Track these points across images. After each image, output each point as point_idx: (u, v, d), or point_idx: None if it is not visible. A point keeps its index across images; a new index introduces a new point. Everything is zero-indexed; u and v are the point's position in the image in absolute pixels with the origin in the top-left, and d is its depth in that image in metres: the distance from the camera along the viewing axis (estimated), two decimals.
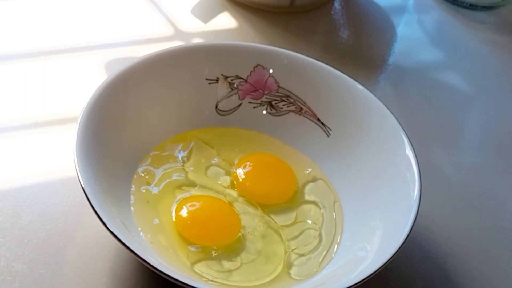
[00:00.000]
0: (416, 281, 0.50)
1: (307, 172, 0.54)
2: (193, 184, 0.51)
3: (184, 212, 0.48)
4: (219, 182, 0.52)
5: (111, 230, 0.41)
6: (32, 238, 0.47)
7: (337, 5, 0.76)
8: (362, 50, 0.72)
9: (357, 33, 0.74)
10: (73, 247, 0.47)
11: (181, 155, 0.52)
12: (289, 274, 0.47)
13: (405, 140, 0.50)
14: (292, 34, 0.71)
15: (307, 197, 0.52)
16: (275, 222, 0.50)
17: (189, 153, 0.53)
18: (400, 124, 0.51)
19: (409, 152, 0.49)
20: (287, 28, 0.71)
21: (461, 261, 0.52)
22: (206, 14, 0.71)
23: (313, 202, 0.52)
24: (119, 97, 0.50)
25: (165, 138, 0.53)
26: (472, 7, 0.79)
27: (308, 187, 0.53)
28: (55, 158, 0.53)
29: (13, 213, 0.49)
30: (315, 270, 0.47)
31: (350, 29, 0.74)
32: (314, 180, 0.53)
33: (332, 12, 0.76)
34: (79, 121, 0.46)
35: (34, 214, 0.49)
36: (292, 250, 0.49)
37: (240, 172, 0.52)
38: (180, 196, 0.50)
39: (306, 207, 0.52)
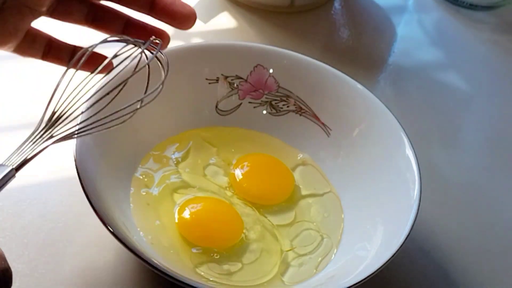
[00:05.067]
0: (416, 281, 0.50)
1: (299, 157, 0.54)
2: (190, 186, 0.51)
3: (186, 214, 0.48)
4: (215, 182, 0.52)
5: (111, 230, 0.41)
6: (32, 238, 0.47)
7: (337, 5, 0.76)
8: (362, 50, 0.72)
9: (357, 33, 0.74)
10: (73, 247, 0.47)
11: (175, 156, 0.52)
12: (282, 280, 0.47)
13: (405, 140, 0.50)
14: (292, 34, 0.71)
15: (304, 191, 0.52)
16: (271, 223, 0.50)
17: (186, 154, 0.53)
18: (400, 124, 0.51)
19: (409, 152, 0.49)
20: (287, 28, 0.71)
21: (461, 261, 0.52)
22: (206, 14, 0.71)
23: (311, 195, 0.52)
24: (119, 97, 0.50)
25: (165, 138, 0.53)
26: (472, 7, 0.79)
27: (298, 170, 0.53)
28: (55, 158, 0.53)
29: (14, 213, 0.49)
30: (313, 271, 0.47)
31: (350, 29, 0.74)
32: (304, 164, 0.54)
33: (332, 12, 0.76)
34: (79, 121, 0.46)
35: (34, 214, 0.49)
36: (291, 250, 0.48)
37: (238, 173, 0.52)
38: (182, 198, 0.50)
39: (304, 204, 0.52)
